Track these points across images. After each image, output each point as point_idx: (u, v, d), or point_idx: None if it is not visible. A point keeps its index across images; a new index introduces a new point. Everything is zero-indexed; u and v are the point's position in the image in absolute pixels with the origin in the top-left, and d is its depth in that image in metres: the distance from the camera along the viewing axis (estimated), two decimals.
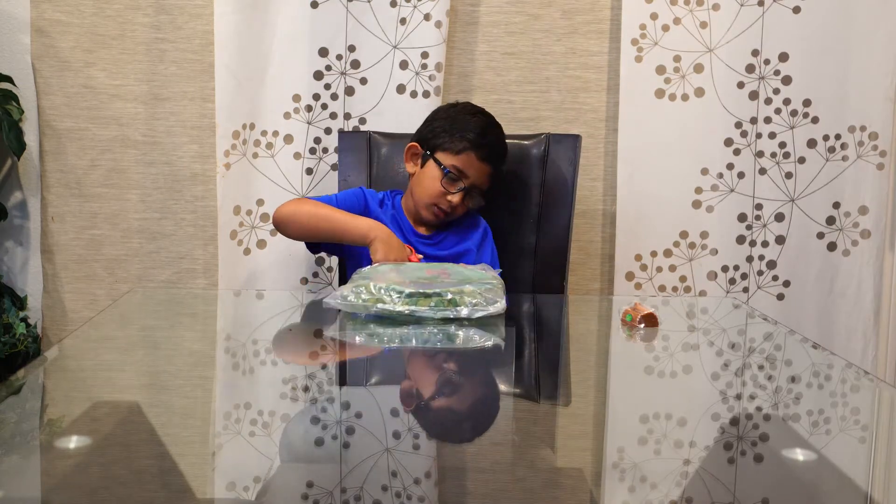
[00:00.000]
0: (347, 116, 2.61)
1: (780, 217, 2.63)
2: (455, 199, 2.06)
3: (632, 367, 1.52)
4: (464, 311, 1.58)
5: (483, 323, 1.60)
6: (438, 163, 2.07)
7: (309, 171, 2.61)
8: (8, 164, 2.70)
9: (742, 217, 2.64)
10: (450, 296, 1.59)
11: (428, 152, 2.10)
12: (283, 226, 2.04)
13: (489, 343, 1.57)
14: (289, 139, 2.60)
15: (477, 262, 2.09)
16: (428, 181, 2.08)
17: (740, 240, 2.65)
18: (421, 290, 1.60)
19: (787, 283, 2.65)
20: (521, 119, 2.67)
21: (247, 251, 2.60)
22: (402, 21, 2.56)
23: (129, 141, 2.69)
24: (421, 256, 1.99)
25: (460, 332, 1.57)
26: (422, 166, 2.11)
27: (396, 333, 1.59)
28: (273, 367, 1.50)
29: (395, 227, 2.11)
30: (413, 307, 1.58)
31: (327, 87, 2.59)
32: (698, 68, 2.59)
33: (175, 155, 2.69)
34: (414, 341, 1.57)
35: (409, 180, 2.16)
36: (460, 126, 2.10)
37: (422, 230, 2.14)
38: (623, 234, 2.65)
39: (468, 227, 2.15)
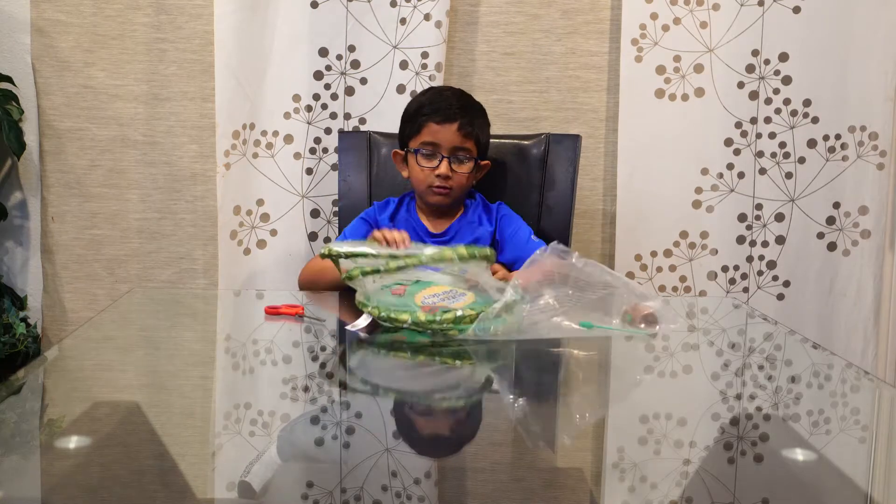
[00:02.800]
0: (347, 116, 2.61)
1: (780, 217, 2.63)
2: (441, 169, 2.06)
3: (632, 368, 1.52)
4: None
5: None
6: (412, 150, 2.09)
7: (309, 172, 2.61)
8: (8, 164, 2.70)
9: (742, 217, 2.64)
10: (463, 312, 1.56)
11: (406, 149, 2.13)
12: (307, 288, 2.09)
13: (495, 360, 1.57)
14: (289, 139, 2.60)
15: (507, 241, 2.10)
16: (415, 172, 2.11)
17: (740, 240, 2.65)
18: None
19: (787, 283, 2.65)
20: (521, 119, 2.67)
21: (247, 251, 2.60)
22: (402, 21, 2.56)
23: (129, 141, 2.69)
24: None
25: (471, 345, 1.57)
26: (408, 165, 2.13)
27: (401, 337, 1.59)
28: (273, 367, 1.50)
29: (410, 233, 2.11)
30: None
31: (327, 87, 2.59)
32: (698, 68, 2.59)
33: (175, 155, 2.69)
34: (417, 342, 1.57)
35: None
36: (413, 109, 2.13)
37: (433, 228, 2.14)
38: (623, 234, 2.65)
39: (481, 216, 2.15)
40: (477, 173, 2.15)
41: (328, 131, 2.60)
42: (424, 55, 2.55)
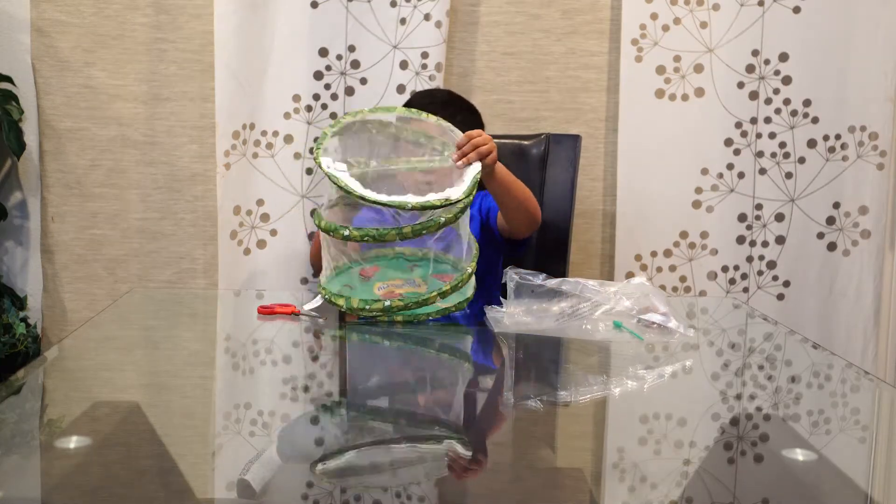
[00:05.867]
0: None
1: (780, 217, 2.63)
2: None
3: (632, 367, 1.52)
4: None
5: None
6: None
7: (309, 172, 2.61)
8: (8, 164, 2.70)
9: (742, 217, 2.64)
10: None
11: None
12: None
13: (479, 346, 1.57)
14: (289, 139, 2.60)
15: (485, 210, 2.10)
16: None
17: (740, 240, 2.65)
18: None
19: (787, 284, 2.65)
20: (521, 119, 2.67)
21: (247, 251, 2.60)
22: (402, 21, 2.56)
23: (129, 141, 2.69)
24: None
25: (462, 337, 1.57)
26: None
27: (393, 334, 1.59)
28: (273, 367, 1.50)
29: None
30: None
31: (327, 87, 2.59)
32: (698, 68, 2.59)
33: (175, 155, 2.69)
34: (411, 343, 1.57)
35: None
36: None
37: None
38: (623, 235, 2.65)
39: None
40: None
41: None
42: (424, 55, 2.55)
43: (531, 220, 1.99)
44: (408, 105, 2.16)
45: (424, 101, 2.15)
